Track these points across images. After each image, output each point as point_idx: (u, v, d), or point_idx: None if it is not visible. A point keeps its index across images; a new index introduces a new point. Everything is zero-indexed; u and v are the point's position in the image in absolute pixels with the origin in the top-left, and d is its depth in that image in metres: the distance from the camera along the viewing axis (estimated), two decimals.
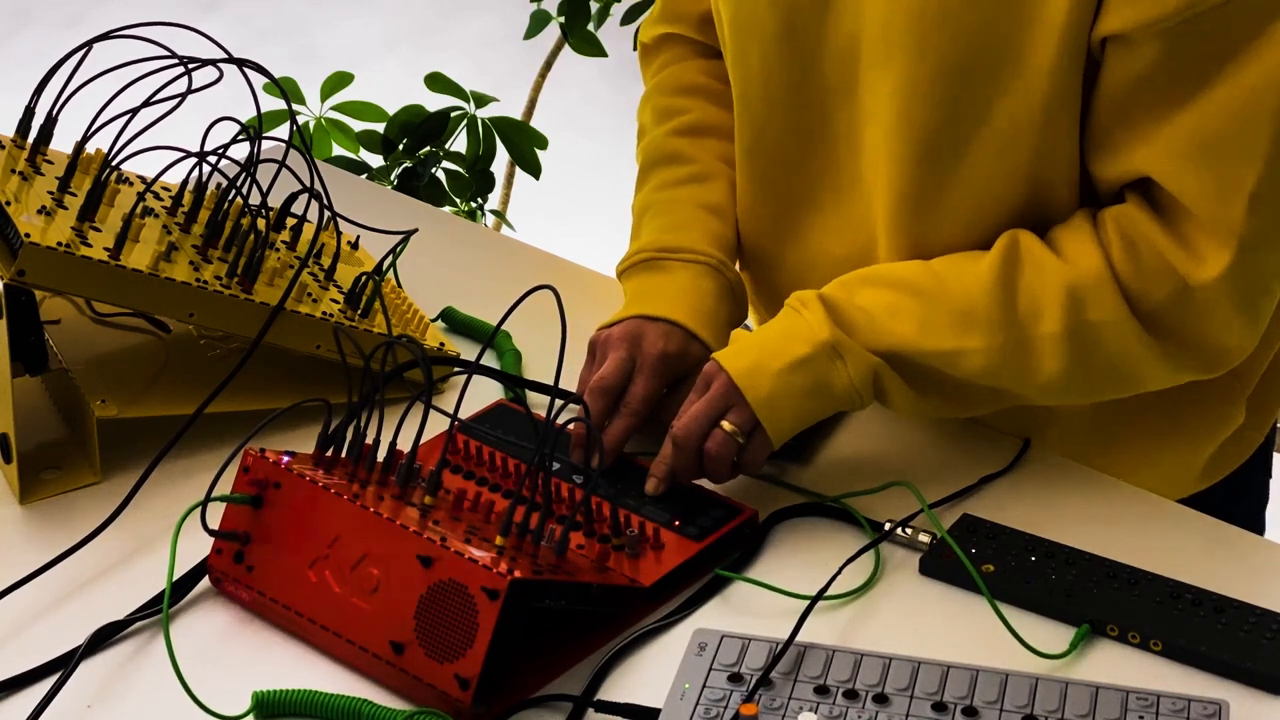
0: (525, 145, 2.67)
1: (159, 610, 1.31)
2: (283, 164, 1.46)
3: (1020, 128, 1.35)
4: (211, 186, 1.56)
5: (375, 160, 2.67)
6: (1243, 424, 1.56)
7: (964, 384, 1.39)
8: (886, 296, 1.39)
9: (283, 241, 1.58)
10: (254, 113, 1.52)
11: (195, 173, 1.54)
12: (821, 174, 1.48)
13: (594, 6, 2.84)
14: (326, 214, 1.54)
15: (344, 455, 1.34)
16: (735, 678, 1.24)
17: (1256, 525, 1.69)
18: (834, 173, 1.47)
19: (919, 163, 1.39)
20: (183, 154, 1.48)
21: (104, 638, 1.31)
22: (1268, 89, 1.27)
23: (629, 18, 2.85)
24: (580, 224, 3.84)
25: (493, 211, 2.94)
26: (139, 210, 1.45)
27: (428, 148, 2.64)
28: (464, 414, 1.45)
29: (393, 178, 2.64)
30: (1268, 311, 1.39)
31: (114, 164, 1.46)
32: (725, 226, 1.54)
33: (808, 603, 1.29)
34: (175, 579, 1.33)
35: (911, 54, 1.35)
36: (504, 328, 1.44)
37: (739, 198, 1.55)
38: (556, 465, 1.42)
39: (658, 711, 1.23)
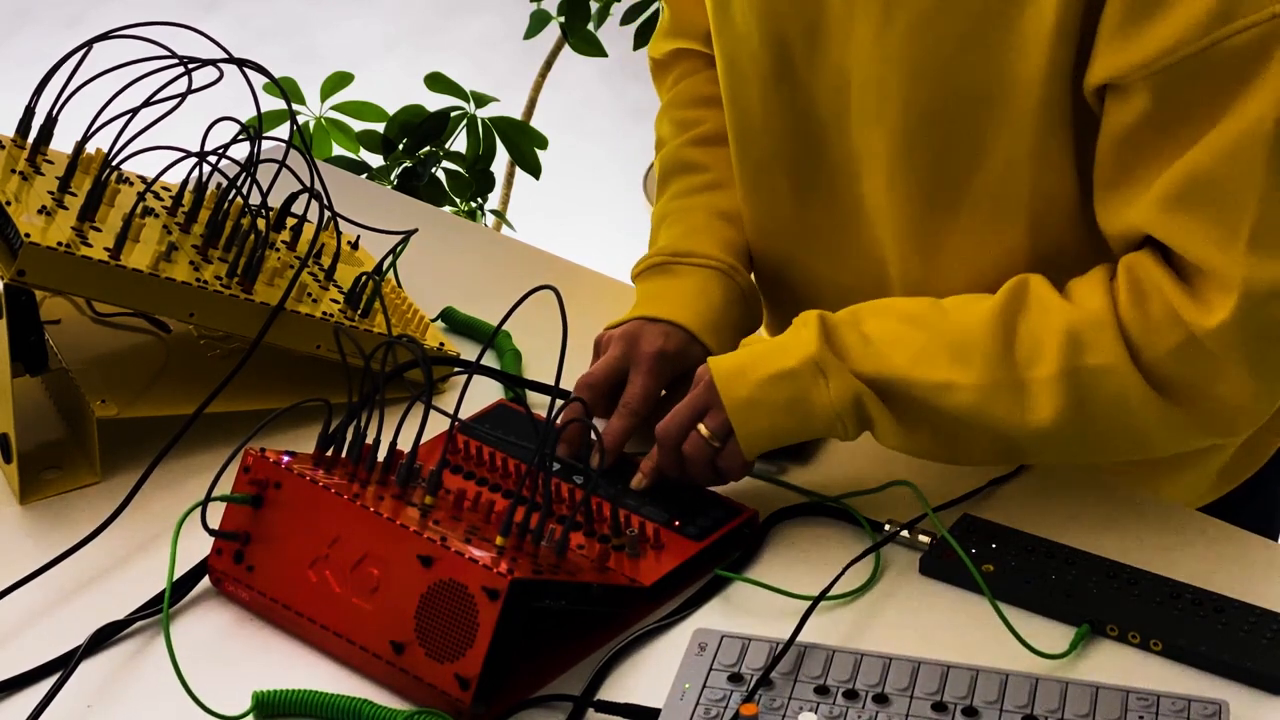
0: (525, 145, 2.67)
1: (159, 610, 1.31)
2: (283, 164, 1.46)
3: (1015, 164, 1.36)
4: (211, 186, 1.56)
5: (375, 160, 2.67)
6: (1256, 430, 1.55)
7: (955, 421, 1.36)
8: (891, 326, 1.37)
9: (283, 241, 1.58)
10: (254, 113, 1.52)
11: (195, 173, 1.54)
12: (823, 206, 1.49)
13: (594, 6, 2.84)
14: (326, 214, 1.54)
15: (344, 455, 1.34)
16: (735, 678, 1.24)
17: (1270, 529, 1.68)
18: (835, 205, 1.48)
19: (918, 201, 1.41)
20: (183, 154, 1.48)
21: (104, 638, 1.31)
22: (1256, 132, 1.26)
23: (629, 18, 2.85)
24: (580, 224, 3.84)
25: (493, 211, 2.94)
26: (139, 210, 1.45)
27: (428, 148, 2.64)
28: (464, 414, 1.45)
29: (393, 178, 2.64)
30: None
31: (114, 164, 1.46)
32: (739, 233, 1.55)
33: (808, 603, 1.29)
34: (175, 579, 1.33)
35: (904, 95, 1.37)
36: (504, 328, 1.44)
37: (746, 228, 1.56)
38: (556, 465, 1.42)
39: (658, 711, 1.23)
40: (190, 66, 1.47)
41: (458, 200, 2.69)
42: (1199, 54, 1.26)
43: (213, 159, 1.50)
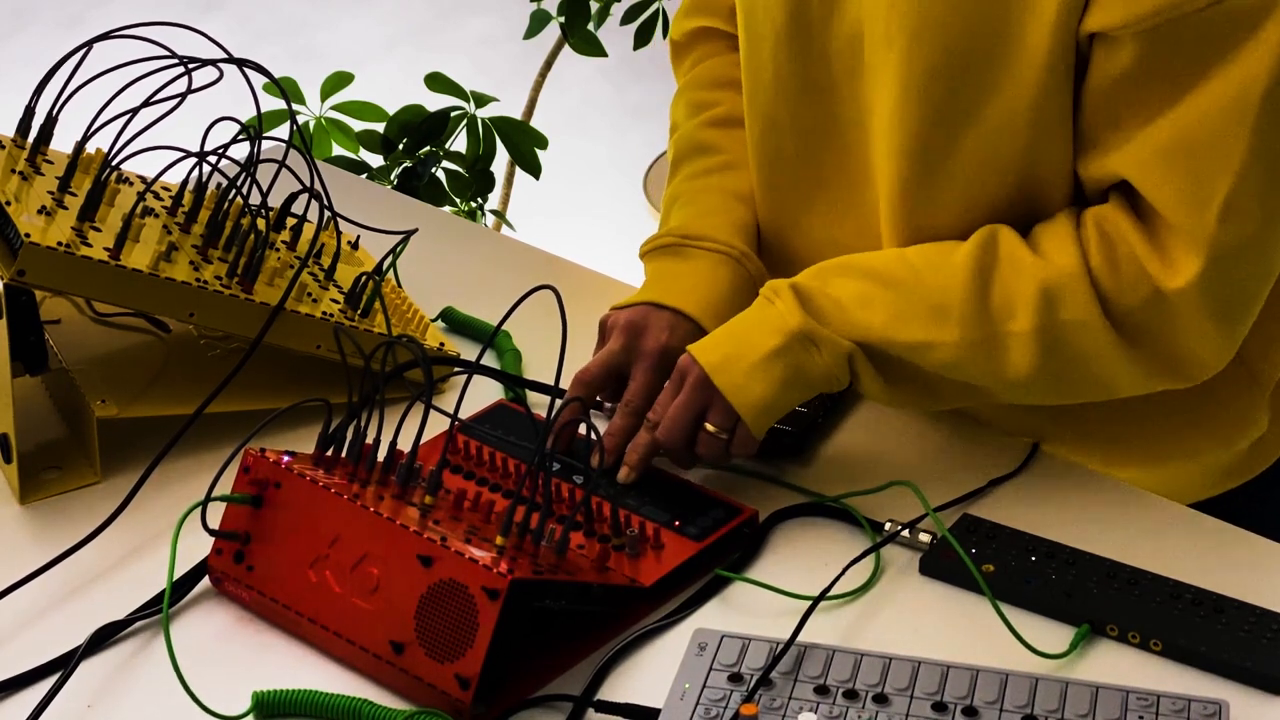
0: (525, 145, 2.67)
1: (159, 610, 1.31)
2: (283, 164, 1.46)
3: (1010, 125, 1.36)
4: (211, 186, 1.56)
5: (375, 160, 2.67)
6: (1269, 426, 1.55)
7: (934, 376, 1.40)
8: (859, 286, 1.39)
9: (283, 241, 1.58)
10: (254, 113, 1.52)
11: (195, 173, 1.54)
12: (829, 164, 1.49)
13: (594, 6, 2.84)
14: (326, 214, 1.54)
15: (344, 455, 1.34)
16: (735, 678, 1.24)
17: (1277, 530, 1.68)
18: (841, 163, 1.48)
19: (912, 156, 1.40)
20: (183, 154, 1.48)
21: (104, 638, 1.31)
22: (1244, 98, 1.28)
23: (629, 18, 2.85)
24: (580, 224, 3.83)
25: (493, 211, 2.94)
26: (139, 210, 1.45)
27: (428, 148, 2.64)
28: (464, 414, 1.45)
29: (393, 178, 2.64)
30: (1244, 325, 1.39)
31: (114, 164, 1.46)
32: (752, 215, 1.55)
33: (808, 603, 1.29)
34: (175, 579, 1.33)
35: (905, 50, 1.36)
36: (504, 328, 1.44)
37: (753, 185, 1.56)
38: (556, 465, 1.42)
39: (658, 711, 1.23)
40: (190, 66, 1.47)
41: (458, 200, 2.69)
42: (1198, 13, 1.26)
43: (213, 159, 1.50)
